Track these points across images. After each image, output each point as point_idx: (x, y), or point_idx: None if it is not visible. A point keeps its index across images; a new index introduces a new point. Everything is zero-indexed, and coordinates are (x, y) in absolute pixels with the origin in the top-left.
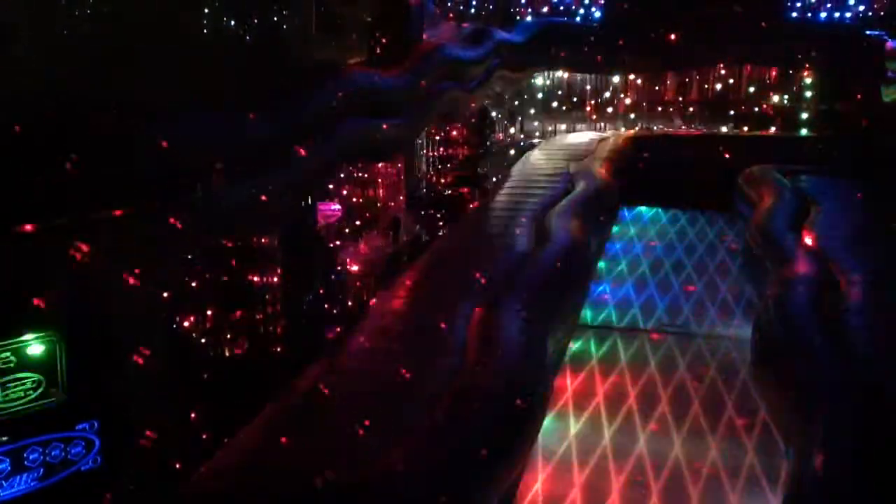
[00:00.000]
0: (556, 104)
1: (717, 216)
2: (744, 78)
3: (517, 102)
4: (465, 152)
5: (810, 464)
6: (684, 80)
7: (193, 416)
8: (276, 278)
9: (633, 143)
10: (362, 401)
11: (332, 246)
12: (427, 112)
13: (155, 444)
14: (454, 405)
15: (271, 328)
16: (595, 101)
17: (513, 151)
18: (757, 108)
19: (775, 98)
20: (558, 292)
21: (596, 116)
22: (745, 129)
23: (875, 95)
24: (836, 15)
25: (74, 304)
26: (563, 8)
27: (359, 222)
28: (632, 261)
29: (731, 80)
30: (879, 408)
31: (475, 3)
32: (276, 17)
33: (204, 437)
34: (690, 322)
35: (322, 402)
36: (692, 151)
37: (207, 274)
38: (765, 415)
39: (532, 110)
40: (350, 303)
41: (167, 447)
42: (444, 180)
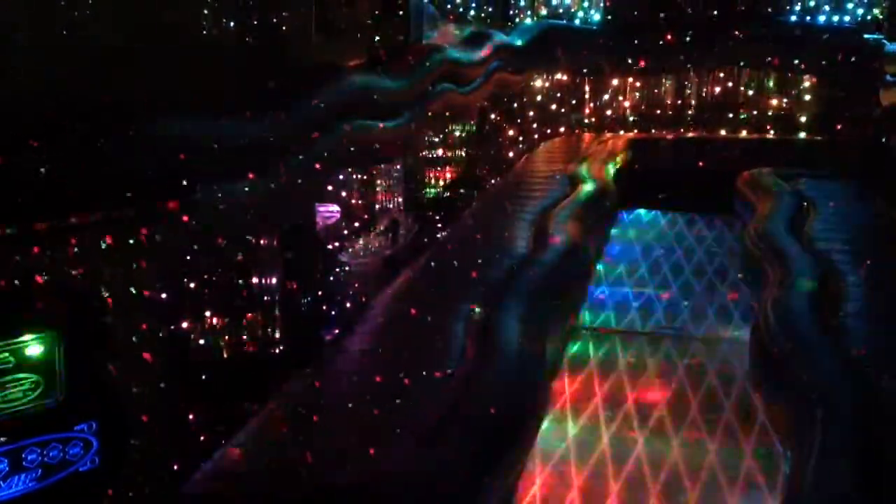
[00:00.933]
0: (554, 107)
1: (716, 219)
2: (743, 81)
3: (516, 105)
4: (463, 154)
5: (808, 468)
6: (683, 83)
7: (192, 417)
8: (274, 280)
9: (631, 146)
10: (359, 404)
11: (330, 247)
12: (426, 114)
13: (153, 445)
14: (451, 411)
15: (269, 330)
16: (594, 104)
17: (511, 154)
18: (756, 112)
19: (774, 101)
20: (557, 294)
21: (595, 119)
22: (744, 132)
23: (874, 99)
24: (836, 19)
25: (73, 305)
26: (562, 11)
27: (357, 224)
28: (630, 263)
29: (730, 84)
30: (877, 412)
31: (475, 5)
32: (275, 19)
33: (202, 438)
34: (689, 325)
35: (319, 404)
36: (691, 154)
37: (206, 275)
38: (763, 418)
39: (531, 113)
40: (348, 304)
41: (166, 448)
42: (442, 182)
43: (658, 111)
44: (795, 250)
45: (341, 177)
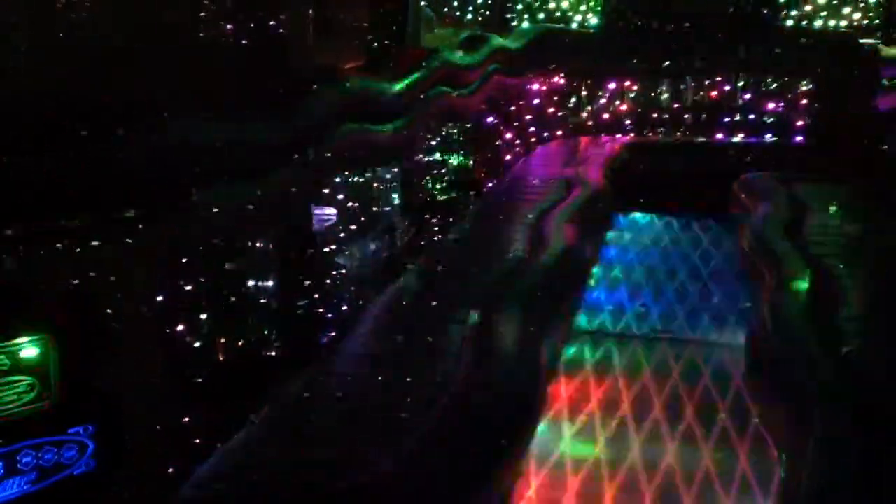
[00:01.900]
0: (551, 110)
1: (712, 223)
2: (740, 85)
3: (513, 108)
4: (461, 157)
5: (803, 472)
6: (680, 86)
7: (188, 419)
8: (271, 283)
9: (628, 150)
10: (355, 407)
11: (327, 250)
12: (423, 117)
13: (150, 447)
14: (447, 415)
15: (266, 332)
16: (591, 107)
17: (509, 156)
18: (752, 115)
19: (771, 105)
20: (554, 298)
21: (592, 122)
22: (741, 135)
23: (870, 103)
24: (832, 23)
25: (68, 307)
26: (559, 14)
27: (354, 227)
28: (626, 266)
29: (727, 87)
30: (874, 416)
31: (472, 8)
32: (272, 21)
33: (199, 440)
34: (684, 328)
35: (315, 407)
36: (688, 158)
37: (203, 278)
38: (758, 422)
39: (528, 116)
40: (345, 307)
41: (162, 451)
42: (439, 185)
43: (655, 114)
44: (791, 254)
45: (338, 179)
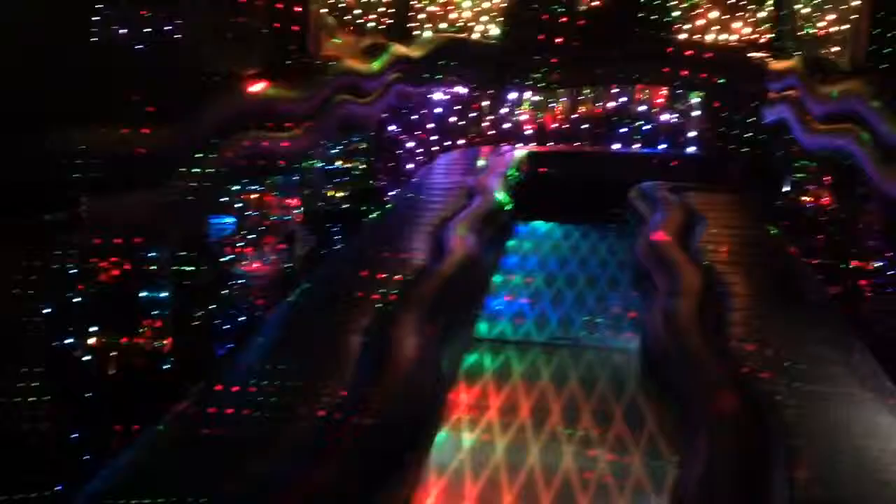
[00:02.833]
0: (453, 119)
1: (609, 231)
2: (635, 97)
3: (415, 117)
4: (362, 166)
5: (694, 470)
6: (578, 98)
7: (79, 435)
8: (166, 294)
9: (528, 159)
10: (251, 418)
11: (225, 260)
12: (324, 125)
13: (37, 464)
14: (345, 425)
15: (160, 345)
16: (492, 117)
17: (410, 165)
18: (647, 126)
19: (665, 116)
20: (454, 306)
21: (493, 132)
22: (637, 145)
23: (759, 114)
24: (723, 38)
25: None
26: (461, 24)
27: (253, 235)
28: (526, 274)
29: (624, 99)
30: (760, 416)
31: (373, 17)
32: (169, 27)
33: (87, 457)
34: (582, 335)
35: (211, 419)
36: (586, 167)
37: (94, 289)
38: (652, 425)
39: (430, 125)
40: (243, 318)
41: (51, 467)
42: (341, 193)
43: (554, 124)
44: (683, 260)
45: (237, 188)
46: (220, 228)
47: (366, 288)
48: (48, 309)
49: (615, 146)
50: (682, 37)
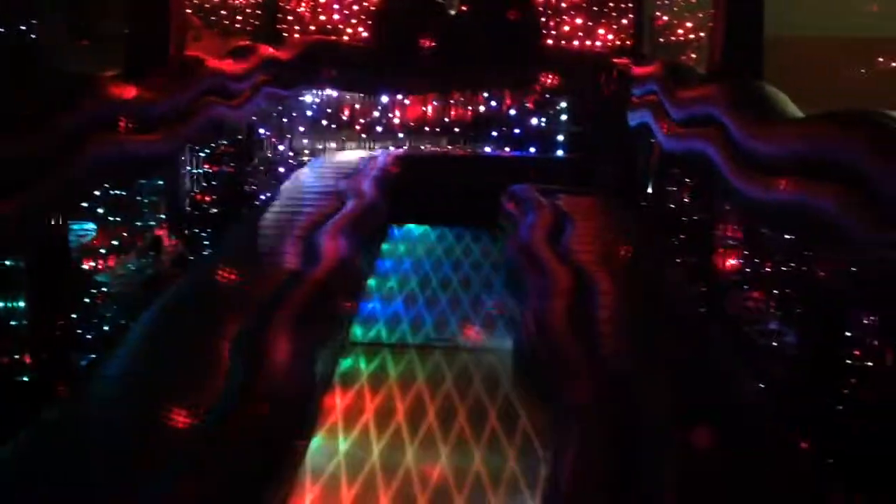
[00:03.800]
0: (325, 122)
1: (482, 233)
2: (506, 101)
3: (285, 120)
4: (231, 170)
5: (563, 466)
6: (449, 101)
7: None
8: (22, 303)
9: (401, 162)
10: (116, 432)
11: (85, 267)
12: (189, 128)
13: None
14: (216, 433)
15: (17, 356)
16: (364, 120)
17: (282, 169)
18: (518, 130)
19: (534, 120)
20: (328, 310)
21: (365, 135)
22: (508, 149)
23: (623, 119)
24: (588, 43)
25: None
26: (330, 27)
27: (116, 242)
28: (401, 277)
29: (494, 103)
30: (628, 411)
31: (240, 18)
32: (24, 26)
33: None
34: (457, 336)
35: (73, 433)
36: (458, 170)
37: None
38: (525, 423)
39: (301, 128)
40: (106, 327)
41: None
42: (209, 198)
43: (427, 128)
44: (554, 262)
45: (98, 193)
46: (81, 235)
47: (236, 294)
48: None
49: (487, 149)
50: (549, 42)
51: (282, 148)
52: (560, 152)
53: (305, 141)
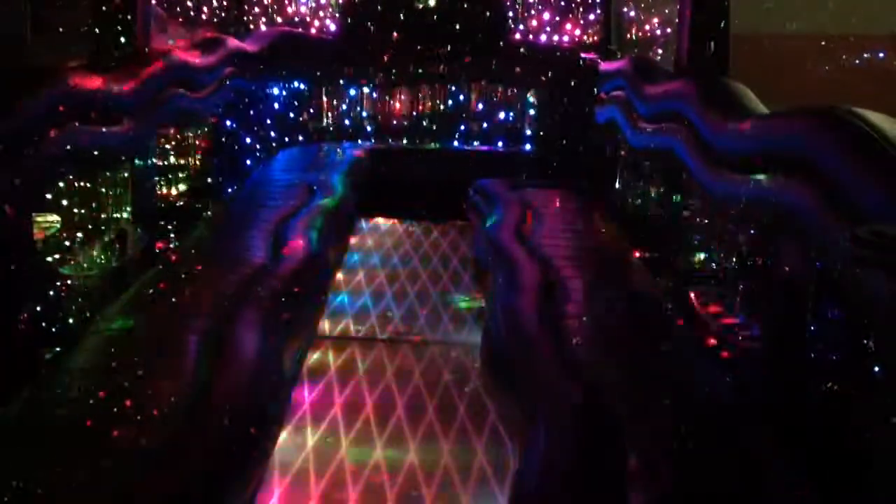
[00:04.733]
0: (292, 115)
1: (450, 227)
2: (474, 95)
3: (252, 112)
4: (197, 162)
5: (532, 460)
6: (418, 95)
7: None
8: None
9: (369, 155)
10: (83, 425)
11: (49, 260)
12: (154, 120)
13: None
14: (183, 428)
15: None
16: (332, 114)
17: (249, 162)
18: (486, 125)
19: (502, 115)
20: (296, 304)
21: (333, 128)
22: (476, 143)
23: (591, 114)
24: (555, 38)
25: None
26: (298, 19)
27: (81, 234)
28: (369, 271)
29: (461, 97)
30: (594, 405)
31: (206, 9)
32: None
33: None
34: (425, 330)
35: (39, 426)
36: (426, 164)
37: None
38: (494, 417)
39: (268, 121)
40: (71, 320)
41: None
42: (175, 190)
43: (395, 122)
44: (521, 255)
45: (62, 184)
46: (44, 227)
47: (203, 287)
48: None
49: (455, 143)
50: (517, 37)
51: (249, 140)
52: (528, 146)
53: (273, 134)
